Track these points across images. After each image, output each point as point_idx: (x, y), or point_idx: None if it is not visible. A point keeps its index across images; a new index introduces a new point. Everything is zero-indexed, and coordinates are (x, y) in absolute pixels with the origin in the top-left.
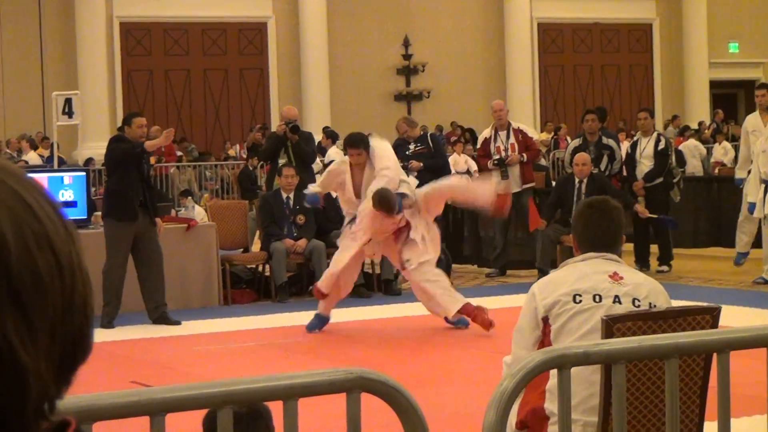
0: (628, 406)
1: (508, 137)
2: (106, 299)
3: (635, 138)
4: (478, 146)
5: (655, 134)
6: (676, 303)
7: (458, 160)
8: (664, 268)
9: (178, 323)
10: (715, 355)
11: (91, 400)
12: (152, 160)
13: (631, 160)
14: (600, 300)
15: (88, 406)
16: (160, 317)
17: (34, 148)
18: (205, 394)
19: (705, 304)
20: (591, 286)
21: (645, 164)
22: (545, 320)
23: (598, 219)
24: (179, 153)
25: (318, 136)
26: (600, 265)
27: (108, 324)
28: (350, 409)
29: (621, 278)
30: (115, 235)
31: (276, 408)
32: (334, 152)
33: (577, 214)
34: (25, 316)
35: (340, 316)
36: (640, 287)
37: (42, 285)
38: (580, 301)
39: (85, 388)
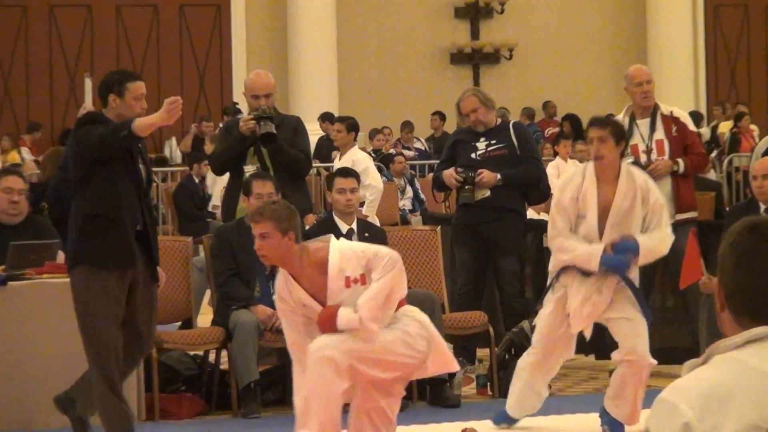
0: None
1: (652, 129)
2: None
3: None
4: None
5: None
6: None
7: (564, 168)
8: None
9: None
10: None
11: None
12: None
13: None
14: None
15: None
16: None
17: None
18: None
19: None
20: None
21: None
22: None
23: None
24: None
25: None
26: None
27: None
28: None
29: None
30: (93, 292)
31: None
32: (360, 155)
33: (729, 245)
34: None
35: None
36: None
37: None
38: None
39: None
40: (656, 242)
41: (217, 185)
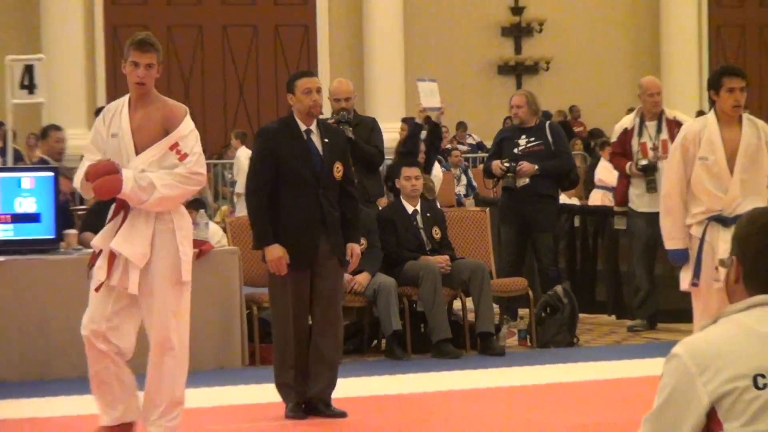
0: None
1: (659, 131)
2: (278, 377)
3: None
4: (614, 139)
5: None
6: None
7: (609, 169)
8: None
9: (343, 415)
10: None
11: None
12: None
13: None
14: None
15: None
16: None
17: None
18: None
19: None
20: None
21: None
22: (711, 414)
23: None
24: None
25: (390, 124)
26: None
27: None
28: None
29: None
30: (273, 283)
31: None
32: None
33: (748, 230)
34: None
35: (415, 384)
36: None
37: None
38: (765, 386)
39: None
40: None
41: None
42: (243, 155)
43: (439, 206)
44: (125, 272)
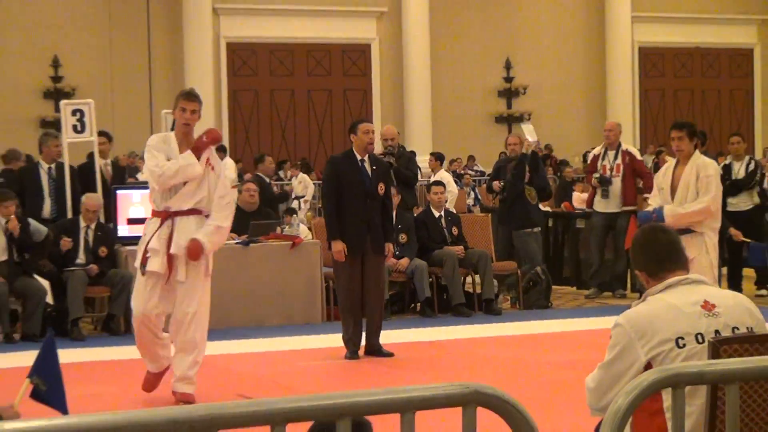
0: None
1: (615, 158)
2: (342, 332)
3: (727, 162)
4: (588, 162)
5: (746, 158)
6: None
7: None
8: (763, 291)
9: (391, 355)
10: None
11: (214, 410)
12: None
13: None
14: (703, 340)
15: (214, 415)
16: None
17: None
18: (325, 406)
19: None
20: (690, 325)
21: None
22: (648, 368)
23: (658, 235)
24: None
25: (422, 157)
26: (687, 293)
27: (351, 355)
28: (466, 424)
29: (713, 306)
30: (336, 265)
31: (385, 420)
32: (445, 174)
33: (635, 242)
34: None
35: (440, 334)
36: (732, 312)
37: None
38: (684, 345)
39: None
40: (685, 210)
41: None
42: (305, 178)
43: (455, 212)
44: (179, 267)
